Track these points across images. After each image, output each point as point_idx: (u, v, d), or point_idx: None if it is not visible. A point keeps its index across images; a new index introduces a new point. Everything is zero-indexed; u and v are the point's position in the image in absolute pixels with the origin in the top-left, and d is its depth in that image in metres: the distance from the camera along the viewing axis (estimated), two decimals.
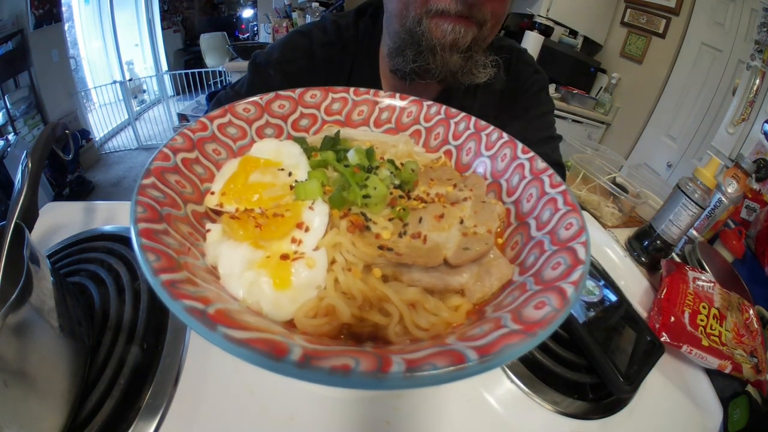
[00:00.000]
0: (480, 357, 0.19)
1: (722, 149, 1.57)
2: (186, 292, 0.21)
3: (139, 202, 0.26)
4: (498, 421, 0.41)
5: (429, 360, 0.19)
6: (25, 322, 0.29)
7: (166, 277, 0.22)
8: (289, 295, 0.27)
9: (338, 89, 0.47)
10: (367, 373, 0.18)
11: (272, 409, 0.38)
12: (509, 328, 0.22)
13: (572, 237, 0.30)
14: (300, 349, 0.19)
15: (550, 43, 2.47)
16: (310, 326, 0.26)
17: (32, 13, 2.43)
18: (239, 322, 0.21)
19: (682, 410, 0.48)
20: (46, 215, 0.58)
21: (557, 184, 0.36)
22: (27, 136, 2.43)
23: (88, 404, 0.34)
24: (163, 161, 0.32)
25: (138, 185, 0.28)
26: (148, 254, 0.23)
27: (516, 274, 0.32)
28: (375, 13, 0.72)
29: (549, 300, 0.24)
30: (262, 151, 0.40)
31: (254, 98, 0.42)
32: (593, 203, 0.89)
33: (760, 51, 1.56)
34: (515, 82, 0.69)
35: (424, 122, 0.49)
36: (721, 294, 0.60)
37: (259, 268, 0.28)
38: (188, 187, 0.33)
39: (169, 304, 0.20)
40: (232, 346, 0.19)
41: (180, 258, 0.25)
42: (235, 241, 0.30)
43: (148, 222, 0.25)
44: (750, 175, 0.82)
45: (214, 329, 0.19)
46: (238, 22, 4.96)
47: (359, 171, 0.37)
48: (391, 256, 0.30)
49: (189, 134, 0.36)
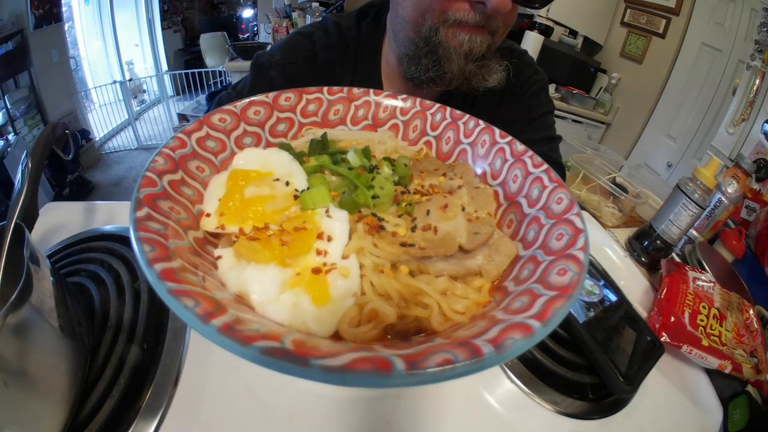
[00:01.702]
0: (541, 323, 0.22)
1: (722, 149, 1.57)
2: (250, 332, 0.20)
3: (142, 240, 0.23)
4: (498, 421, 0.41)
5: (508, 335, 0.21)
6: (25, 322, 0.29)
7: (219, 322, 0.20)
8: (330, 309, 0.27)
9: (312, 90, 0.46)
10: (467, 363, 0.19)
11: (272, 409, 0.38)
12: (547, 295, 0.25)
13: (565, 210, 0.33)
14: (400, 359, 0.19)
15: (550, 43, 2.47)
16: (358, 335, 0.26)
17: (32, 13, 2.43)
18: (322, 350, 0.20)
19: (682, 410, 0.48)
20: (46, 215, 0.58)
21: (539, 164, 0.39)
22: (27, 136, 2.43)
23: (88, 404, 0.34)
24: (150, 187, 0.29)
25: (133, 219, 0.25)
26: (185, 300, 0.20)
27: (521, 249, 0.34)
28: (377, 15, 0.72)
29: (568, 267, 0.27)
30: (248, 162, 0.37)
31: (228, 107, 0.40)
32: (593, 203, 0.89)
33: (760, 51, 1.56)
34: (515, 82, 0.69)
35: (401, 116, 0.49)
36: (721, 294, 0.60)
37: (294, 287, 0.27)
38: (182, 213, 0.31)
39: (242, 353, 0.18)
40: (335, 375, 0.18)
41: (215, 295, 0.23)
42: (260, 263, 0.28)
43: (163, 261, 0.23)
44: (750, 175, 0.82)
45: (309, 365, 0.18)
46: (238, 22, 4.96)
47: (363, 172, 0.37)
48: (415, 251, 0.31)
49: (169, 153, 0.33)
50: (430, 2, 0.54)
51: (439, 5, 0.53)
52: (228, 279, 0.28)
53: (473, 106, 0.70)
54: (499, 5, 0.50)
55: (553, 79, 2.52)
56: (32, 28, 2.45)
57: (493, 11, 0.51)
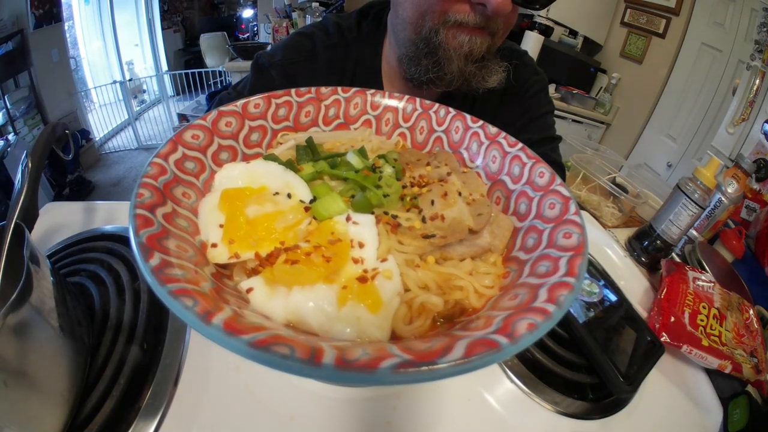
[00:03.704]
0: (575, 278, 0.25)
1: (722, 149, 1.57)
2: (354, 356, 0.19)
3: (176, 293, 0.20)
4: (498, 421, 0.41)
5: (558, 293, 0.24)
6: (25, 322, 0.29)
7: (331, 359, 0.18)
8: (384, 313, 0.27)
9: (279, 93, 0.44)
10: (547, 323, 0.22)
11: (272, 409, 0.38)
12: (566, 255, 0.28)
13: (550, 182, 0.36)
14: (504, 339, 0.21)
15: (550, 43, 2.47)
16: (414, 331, 0.28)
17: (32, 13, 2.43)
18: (418, 350, 0.20)
19: (682, 410, 0.48)
20: (46, 215, 0.58)
21: (514, 143, 0.42)
22: (27, 136, 2.43)
23: (88, 404, 0.34)
24: (148, 227, 0.25)
25: (150, 270, 0.22)
26: (279, 348, 0.19)
27: (516, 222, 0.37)
28: (378, 15, 0.72)
29: (571, 230, 0.30)
30: (232, 180, 0.35)
31: (198, 121, 0.37)
32: (593, 203, 0.89)
33: (760, 51, 1.56)
34: (515, 83, 0.69)
35: (372, 111, 0.49)
36: (721, 294, 0.60)
37: (347, 301, 0.27)
38: (190, 251, 0.28)
39: (367, 378, 0.18)
40: (459, 367, 0.19)
41: (285, 332, 0.21)
42: (305, 285, 0.27)
43: (210, 311, 0.20)
44: (750, 175, 0.82)
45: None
46: (238, 22, 4.96)
47: (369, 173, 0.38)
48: (437, 240, 0.33)
49: (152, 183, 0.29)
50: (431, 3, 0.53)
51: (439, 6, 0.53)
52: (270, 310, 0.26)
53: (473, 107, 0.70)
54: (500, 7, 0.50)
55: (553, 79, 2.52)
56: (32, 28, 2.45)
57: (493, 13, 0.51)
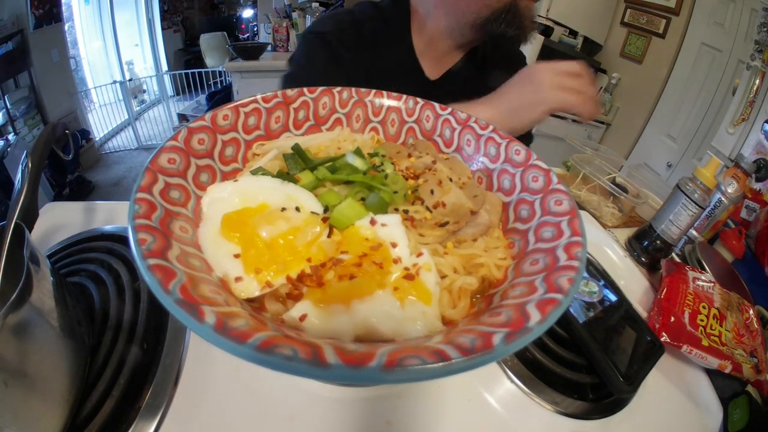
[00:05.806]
0: (581, 237, 0.29)
1: (722, 149, 1.57)
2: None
3: (260, 347, 0.19)
4: (498, 421, 0.41)
5: (574, 250, 0.27)
6: (25, 322, 0.29)
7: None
8: (434, 303, 0.29)
9: (246, 102, 0.43)
10: (578, 276, 0.25)
11: (272, 409, 0.38)
12: (564, 219, 0.31)
13: (527, 158, 0.39)
14: (559, 295, 0.23)
15: (550, 43, 2.47)
16: (461, 312, 0.30)
17: (32, 13, 2.43)
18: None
19: (682, 410, 0.48)
20: (46, 215, 0.58)
21: (485, 126, 0.44)
22: (27, 136, 2.43)
23: (88, 404, 0.34)
24: (173, 279, 0.22)
25: (213, 330, 0.19)
26: (399, 371, 0.19)
27: (503, 197, 0.40)
28: None
29: (560, 198, 0.33)
30: (225, 202, 0.32)
31: (170, 143, 0.34)
32: (593, 203, 0.89)
33: (760, 51, 1.56)
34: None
35: (341, 108, 0.49)
36: (721, 294, 0.60)
37: (407, 299, 0.27)
38: (222, 293, 0.25)
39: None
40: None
41: (358, 347, 0.21)
42: (364, 296, 0.27)
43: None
44: (750, 175, 0.81)
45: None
46: (238, 22, 4.95)
47: (375, 173, 0.38)
48: (452, 227, 0.36)
49: (147, 224, 0.26)
50: None
51: None
52: (334, 330, 0.25)
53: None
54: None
55: None
56: (32, 28, 2.45)
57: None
